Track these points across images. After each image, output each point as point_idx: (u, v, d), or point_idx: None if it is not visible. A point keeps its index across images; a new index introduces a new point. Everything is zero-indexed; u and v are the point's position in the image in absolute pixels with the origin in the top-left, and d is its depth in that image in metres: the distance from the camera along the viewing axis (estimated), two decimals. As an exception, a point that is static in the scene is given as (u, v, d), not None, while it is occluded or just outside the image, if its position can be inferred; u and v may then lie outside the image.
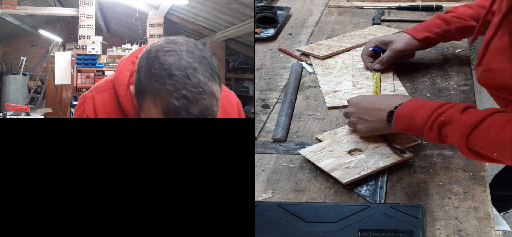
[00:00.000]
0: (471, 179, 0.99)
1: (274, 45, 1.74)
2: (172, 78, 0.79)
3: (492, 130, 0.92)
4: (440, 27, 1.44)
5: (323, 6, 2.14)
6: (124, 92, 0.94)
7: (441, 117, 0.98)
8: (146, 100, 0.82)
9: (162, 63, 0.80)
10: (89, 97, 0.97)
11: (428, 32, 1.44)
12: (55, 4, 6.65)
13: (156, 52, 0.82)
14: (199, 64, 0.81)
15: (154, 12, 6.24)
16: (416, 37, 1.43)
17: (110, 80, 0.99)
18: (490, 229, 0.86)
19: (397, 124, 1.04)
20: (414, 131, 1.02)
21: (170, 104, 0.79)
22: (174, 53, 0.81)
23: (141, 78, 0.83)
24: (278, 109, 1.30)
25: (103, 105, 0.96)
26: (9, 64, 8.63)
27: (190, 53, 0.82)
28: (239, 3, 4.34)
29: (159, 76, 0.80)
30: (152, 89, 0.80)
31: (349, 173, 0.99)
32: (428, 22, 1.47)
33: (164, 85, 0.79)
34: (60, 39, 7.57)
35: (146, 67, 0.82)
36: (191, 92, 0.78)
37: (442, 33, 1.44)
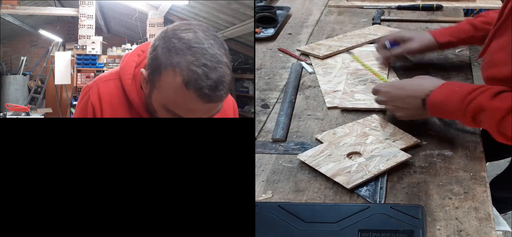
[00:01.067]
0: (471, 179, 0.99)
1: (274, 45, 1.74)
2: (191, 49, 0.85)
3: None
4: (467, 33, 1.42)
5: (323, 6, 2.14)
6: (130, 81, 0.98)
7: (471, 104, 1.02)
8: (164, 74, 0.86)
9: (181, 38, 0.86)
10: (94, 86, 1.01)
11: (451, 37, 1.42)
12: (55, 4, 6.65)
13: (173, 31, 0.88)
14: (214, 40, 0.88)
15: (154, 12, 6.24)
16: (438, 40, 1.42)
17: (115, 72, 1.03)
18: (491, 230, 0.86)
19: (433, 111, 1.10)
20: (448, 117, 1.11)
21: (190, 72, 0.83)
22: (191, 31, 0.87)
23: (158, 55, 0.87)
24: (278, 109, 1.30)
25: (108, 93, 1.00)
26: (9, 64, 8.63)
27: (205, 31, 0.88)
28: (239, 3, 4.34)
29: (179, 49, 0.85)
30: (171, 62, 0.85)
31: (352, 178, 0.99)
32: (457, 26, 1.45)
33: (184, 56, 0.84)
34: (60, 39, 7.57)
35: (164, 44, 0.87)
36: (210, 61, 0.84)
37: (467, 39, 1.42)
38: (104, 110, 1.00)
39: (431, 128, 1.16)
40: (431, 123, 1.18)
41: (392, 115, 1.20)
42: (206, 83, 0.84)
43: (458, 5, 2.04)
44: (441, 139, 1.12)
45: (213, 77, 0.84)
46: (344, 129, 1.17)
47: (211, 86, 0.84)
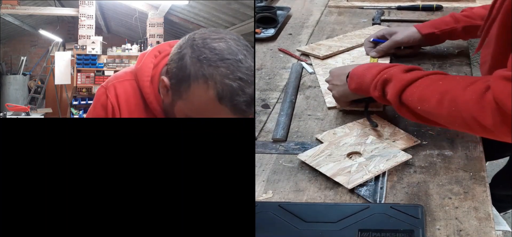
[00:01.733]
0: (471, 179, 0.99)
1: (274, 45, 1.74)
2: (226, 61, 0.80)
3: (423, 84, 0.99)
4: (448, 24, 1.46)
5: (323, 6, 2.14)
6: (147, 83, 0.94)
7: (384, 75, 1.05)
8: (194, 86, 0.82)
9: (213, 48, 0.81)
10: (110, 87, 0.97)
11: (434, 29, 1.46)
12: (55, 4, 6.65)
13: (202, 40, 0.83)
14: (247, 52, 0.84)
15: (154, 12, 6.24)
16: (421, 31, 1.46)
17: (130, 72, 0.99)
18: (490, 229, 0.86)
19: (351, 83, 1.13)
20: (364, 89, 1.11)
21: (225, 86, 0.80)
22: (222, 40, 0.83)
23: (187, 65, 0.83)
24: (278, 109, 1.30)
25: (125, 93, 0.97)
26: (9, 64, 8.64)
27: (237, 41, 0.84)
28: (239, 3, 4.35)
29: (212, 61, 0.81)
30: (203, 74, 0.81)
31: (352, 177, 0.99)
32: (439, 18, 1.50)
33: (217, 68, 0.80)
34: (60, 39, 7.57)
35: (193, 54, 0.82)
36: (246, 75, 0.81)
37: (449, 30, 1.46)
38: (122, 111, 0.96)
39: (431, 128, 1.16)
40: (431, 123, 1.19)
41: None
42: (243, 99, 0.81)
43: (458, 5, 2.04)
44: (441, 139, 1.12)
45: (248, 92, 0.81)
46: (344, 129, 1.18)
47: (247, 101, 0.81)
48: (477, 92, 0.89)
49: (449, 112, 0.93)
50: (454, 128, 0.98)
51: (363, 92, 1.13)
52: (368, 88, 1.09)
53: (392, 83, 1.04)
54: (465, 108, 0.90)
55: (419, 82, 1.00)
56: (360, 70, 1.12)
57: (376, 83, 1.06)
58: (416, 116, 1.02)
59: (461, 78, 0.96)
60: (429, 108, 0.97)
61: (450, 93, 0.93)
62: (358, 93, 1.15)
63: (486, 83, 0.89)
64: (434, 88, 0.97)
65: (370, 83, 1.08)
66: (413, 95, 1.00)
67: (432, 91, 0.96)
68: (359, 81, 1.11)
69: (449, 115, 0.93)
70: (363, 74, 1.10)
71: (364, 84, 1.10)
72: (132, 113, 0.97)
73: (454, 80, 0.96)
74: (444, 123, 0.98)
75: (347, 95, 1.18)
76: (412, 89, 1.00)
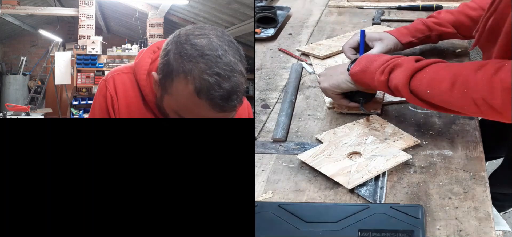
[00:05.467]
0: (471, 179, 0.99)
1: (274, 45, 1.74)
2: (205, 57, 0.82)
3: (433, 69, 1.02)
4: (423, 33, 1.49)
5: (323, 6, 2.14)
6: (144, 76, 0.99)
7: (397, 60, 1.08)
8: (176, 81, 0.84)
9: (194, 44, 0.83)
10: (110, 78, 1.03)
11: (412, 37, 1.49)
12: (55, 4, 6.65)
13: (186, 36, 0.86)
14: (228, 47, 0.85)
15: (154, 12, 6.24)
16: (401, 41, 1.48)
17: (129, 66, 1.04)
18: (490, 229, 0.86)
19: (357, 65, 1.14)
20: (367, 74, 1.11)
21: (203, 81, 0.81)
22: (204, 36, 0.85)
23: (170, 60, 0.85)
24: (278, 109, 1.30)
25: (123, 85, 1.02)
26: (9, 64, 8.64)
27: (219, 37, 0.86)
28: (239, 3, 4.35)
29: (192, 56, 0.83)
30: (184, 69, 0.83)
31: (352, 177, 0.99)
32: (412, 26, 1.51)
33: (196, 64, 0.82)
34: (60, 39, 7.57)
35: (176, 50, 0.85)
36: (223, 70, 0.82)
37: (424, 38, 1.50)
38: (120, 101, 1.01)
39: (431, 128, 1.16)
40: (431, 123, 1.18)
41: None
42: (218, 93, 0.82)
43: (458, 5, 2.04)
44: (441, 139, 1.12)
45: (225, 87, 0.82)
46: (344, 129, 1.18)
47: (223, 96, 0.82)
48: (488, 73, 0.92)
49: (460, 95, 0.95)
50: (463, 111, 1.00)
51: (365, 77, 1.13)
52: (374, 73, 1.10)
53: (402, 68, 1.06)
54: (475, 89, 0.93)
55: (429, 68, 1.03)
56: (371, 55, 1.15)
57: (385, 68, 1.08)
58: (423, 102, 1.04)
59: (472, 63, 0.98)
60: (439, 91, 0.99)
61: (462, 76, 0.96)
62: (356, 80, 1.16)
63: (497, 64, 0.92)
64: (445, 72, 0.99)
65: (378, 67, 1.09)
66: (423, 80, 1.02)
67: (444, 75, 0.99)
68: (367, 65, 1.12)
69: (460, 97, 0.95)
70: (373, 59, 1.12)
71: (372, 67, 1.11)
72: (130, 105, 1.01)
73: (466, 65, 0.98)
74: (453, 107, 1.00)
75: (339, 84, 1.19)
76: (422, 74, 1.03)
